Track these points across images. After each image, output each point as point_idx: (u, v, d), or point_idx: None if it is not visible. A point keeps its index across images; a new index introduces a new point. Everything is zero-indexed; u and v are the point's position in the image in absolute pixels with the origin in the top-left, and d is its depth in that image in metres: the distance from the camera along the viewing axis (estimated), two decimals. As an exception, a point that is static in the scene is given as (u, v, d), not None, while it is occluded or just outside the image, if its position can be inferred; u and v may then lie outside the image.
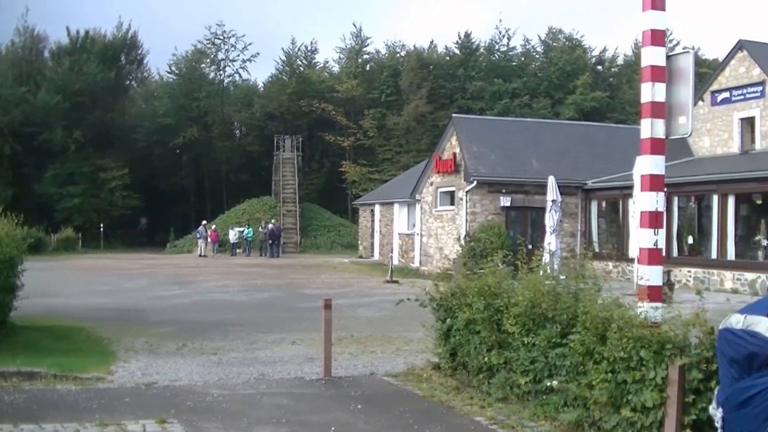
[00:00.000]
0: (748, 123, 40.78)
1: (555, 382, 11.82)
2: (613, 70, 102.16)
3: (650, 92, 11.37)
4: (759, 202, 36.12)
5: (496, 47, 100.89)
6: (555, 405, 11.76)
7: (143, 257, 64.71)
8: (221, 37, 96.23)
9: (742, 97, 40.90)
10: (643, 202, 11.51)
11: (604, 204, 44.48)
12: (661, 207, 11.44)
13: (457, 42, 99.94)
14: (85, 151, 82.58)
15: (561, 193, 37.11)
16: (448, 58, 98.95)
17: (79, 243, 75.14)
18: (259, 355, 18.45)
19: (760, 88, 39.90)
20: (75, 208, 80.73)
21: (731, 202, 35.10)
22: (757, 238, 35.67)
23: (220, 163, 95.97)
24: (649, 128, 11.35)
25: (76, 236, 75.42)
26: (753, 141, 40.44)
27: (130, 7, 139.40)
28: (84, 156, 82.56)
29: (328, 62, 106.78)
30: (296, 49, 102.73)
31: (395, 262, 49.66)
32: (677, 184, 35.17)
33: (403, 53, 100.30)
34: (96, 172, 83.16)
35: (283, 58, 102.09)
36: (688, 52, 11.98)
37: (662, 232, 11.45)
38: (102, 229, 79.42)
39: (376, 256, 61.19)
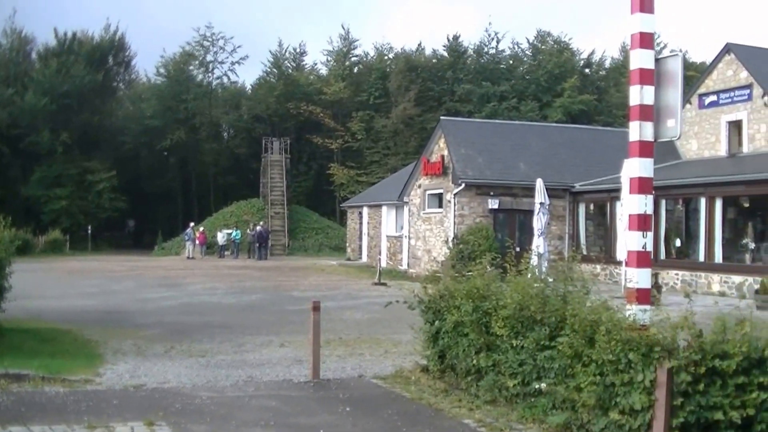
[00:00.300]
0: (736, 126, 40.81)
1: (543, 385, 11.84)
2: (600, 73, 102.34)
3: (639, 95, 11.41)
4: (746, 205, 36.28)
5: (485, 50, 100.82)
6: (543, 408, 11.78)
7: (131, 259, 64.61)
8: (210, 39, 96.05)
9: (729, 100, 40.96)
10: (631, 204, 11.54)
11: (591, 207, 44.57)
12: (650, 210, 11.46)
13: (446, 45, 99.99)
14: (72, 153, 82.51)
15: (549, 196, 37.14)
16: (435, 60, 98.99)
17: (67, 245, 75.05)
18: (247, 357, 18.45)
19: (747, 91, 39.97)
20: (62, 210, 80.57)
21: (719, 205, 35.19)
22: (744, 241, 35.77)
23: (208, 165, 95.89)
24: (638, 131, 11.39)
25: (63, 238, 75.37)
26: (740, 144, 40.47)
27: (119, 9, 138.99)
28: (71, 158, 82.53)
29: (316, 64, 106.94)
30: (284, 51, 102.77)
31: (383, 264, 49.74)
32: (665, 186, 35.21)
33: (391, 55, 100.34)
34: (83, 174, 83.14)
35: (271, 60, 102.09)
36: (676, 54, 11.99)
37: (650, 234, 11.48)
38: (89, 231, 79.36)
39: (364, 259, 61.23)
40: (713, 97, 41.81)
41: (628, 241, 11.71)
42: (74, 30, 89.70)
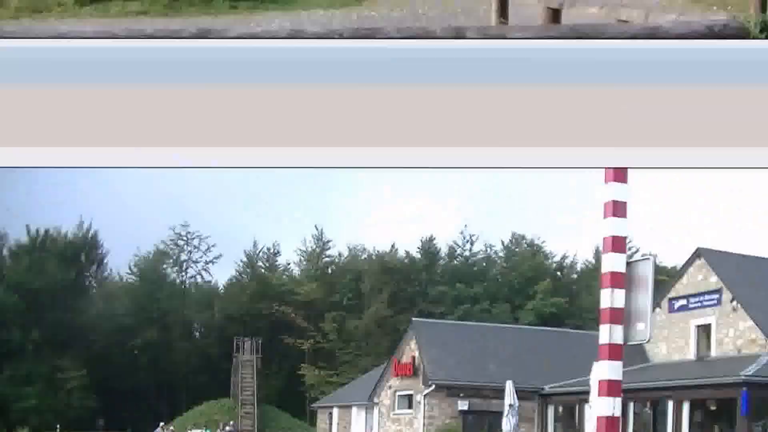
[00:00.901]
0: (705, 330, 41.07)
1: None
2: (572, 276, 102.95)
3: (609, 298, 11.62)
4: (713, 408, 36.31)
5: (458, 251, 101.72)
6: None
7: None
8: (185, 238, 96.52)
9: (699, 304, 41.26)
10: (600, 407, 11.67)
11: (560, 409, 44.44)
12: (618, 412, 11.60)
13: (420, 247, 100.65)
14: (42, 351, 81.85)
15: (518, 398, 37.18)
16: (407, 261, 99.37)
17: (35, 444, 73.91)
18: None
19: (716, 296, 40.30)
20: (31, 408, 79.32)
21: (686, 408, 35.28)
22: (711, 443, 35.79)
23: (179, 365, 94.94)
24: (608, 334, 11.58)
25: (32, 437, 74.18)
26: (709, 348, 40.67)
27: (93, 203, 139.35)
28: (41, 356, 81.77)
29: (289, 264, 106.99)
30: (258, 252, 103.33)
31: (353, 465, 49.24)
32: (633, 389, 35.25)
33: (364, 256, 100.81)
34: (53, 372, 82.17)
35: (245, 260, 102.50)
36: (647, 258, 12.30)
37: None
38: (58, 430, 78.19)
39: (334, 460, 60.59)
40: (683, 301, 42.16)
41: (596, 442, 11.80)
42: (47, 227, 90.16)
